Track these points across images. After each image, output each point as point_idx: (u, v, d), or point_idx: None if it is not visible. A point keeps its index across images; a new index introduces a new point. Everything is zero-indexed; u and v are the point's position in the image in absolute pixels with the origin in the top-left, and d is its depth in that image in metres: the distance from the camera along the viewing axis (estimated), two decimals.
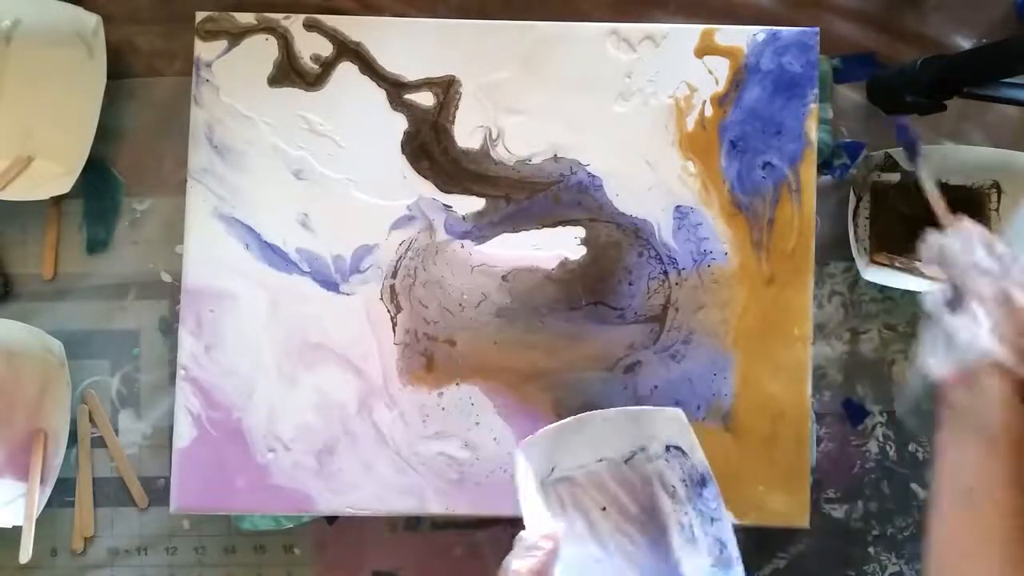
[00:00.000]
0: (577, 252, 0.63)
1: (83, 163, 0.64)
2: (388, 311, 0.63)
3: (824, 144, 0.68)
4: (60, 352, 0.65)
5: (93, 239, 0.69)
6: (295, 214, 0.63)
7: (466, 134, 0.64)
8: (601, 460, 0.57)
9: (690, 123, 0.64)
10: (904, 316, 0.69)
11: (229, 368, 0.62)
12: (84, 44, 0.66)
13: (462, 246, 0.63)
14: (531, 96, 0.64)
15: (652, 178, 0.63)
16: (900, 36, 0.70)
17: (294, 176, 0.64)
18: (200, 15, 0.64)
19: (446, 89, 0.64)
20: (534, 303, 0.63)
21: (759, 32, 0.64)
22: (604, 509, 0.57)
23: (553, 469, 0.56)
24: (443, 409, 0.63)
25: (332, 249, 0.63)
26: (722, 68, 0.64)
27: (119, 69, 0.67)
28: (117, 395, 0.68)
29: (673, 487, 0.57)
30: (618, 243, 0.63)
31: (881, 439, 0.69)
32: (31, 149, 0.67)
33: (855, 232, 0.67)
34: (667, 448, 0.57)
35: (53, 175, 0.66)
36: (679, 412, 0.57)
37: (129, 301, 0.69)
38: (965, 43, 0.70)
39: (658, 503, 0.57)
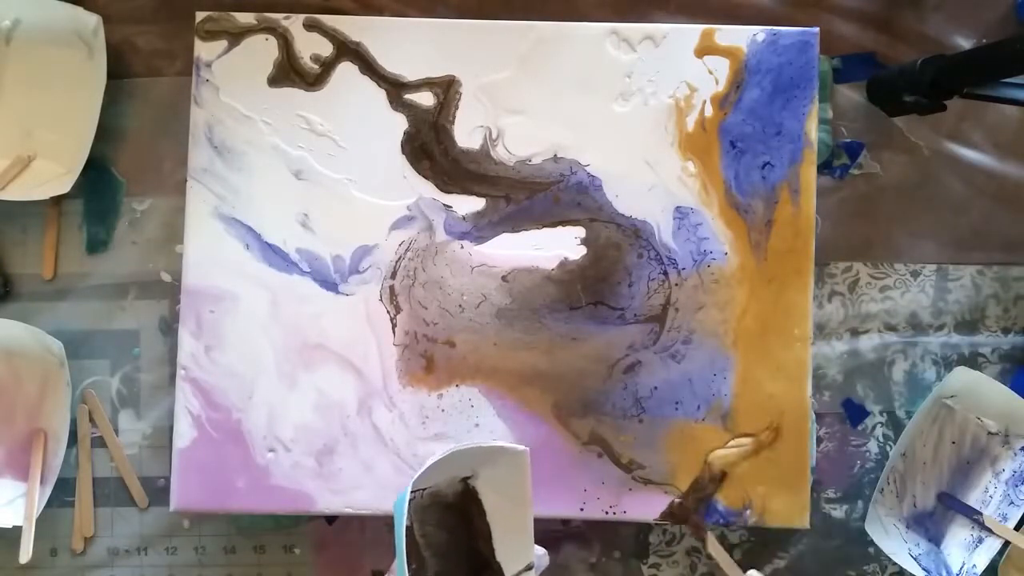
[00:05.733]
0: (577, 252, 0.63)
1: (83, 163, 0.65)
2: (388, 312, 0.63)
3: (824, 144, 0.68)
4: (60, 352, 0.65)
5: (93, 239, 0.69)
6: (295, 214, 0.63)
7: (466, 134, 0.64)
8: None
9: (690, 123, 0.64)
10: (904, 316, 0.69)
11: (229, 368, 0.63)
12: (84, 44, 0.66)
13: (462, 246, 0.63)
14: (531, 96, 0.64)
15: (652, 178, 0.63)
16: (900, 36, 0.70)
17: (294, 176, 0.64)
18: (200, 15, 0.64)
19: (446, 89, 0.64)
20: (534, 304, 0.63)
21: (759, 32, 0.64)
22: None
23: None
24: (443, 411, 0.63)
25: (332, 249, 0.63)
26: (722, 68, 0.64)
27: (119, 69, 0.67)
28: (117, 395, 0.68)
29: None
30: (618, 244, 0.63)
31: (881, 439, 0.69)
32: (31, 149, 0.67)
33: None
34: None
35: (53, 175, 0.66)
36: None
37: (129, 301, 0.69)
38: (965, 43, 0.70)
39: None
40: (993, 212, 0.70)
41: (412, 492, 0.52)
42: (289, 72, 0.64)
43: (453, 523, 0.58)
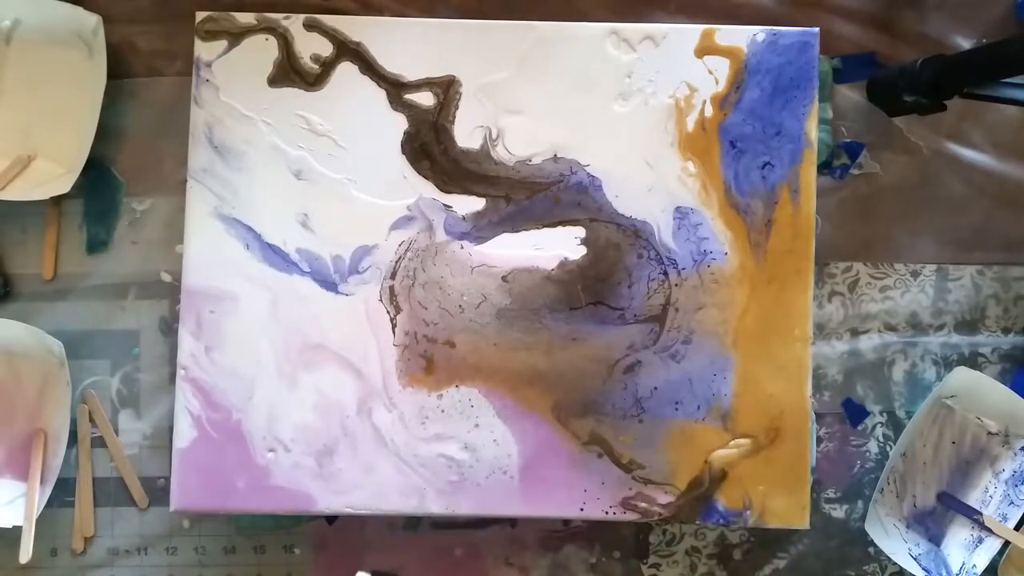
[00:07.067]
0: (577, 252, 0.63)
1: (83, 163, 0.65)
2: (387, 312, 0.63)
3: (824, 144, 0.68)
4: (60, 352, 0.65)
5: (93, 239, 0.69)
6: (295, 214, 0.63)
7: (466, 134, 0.64)
8: None
9: (690, 123, 0.64)
10: (904, 316, 0.69)
11: (229, 369, 0.63)
12: (84, 44, 0.66)
13: (462, 247, 0.63)
14: (531, 96, 0.64)
15: (652, 178, 0.63)
16: (900, 36, 0.70)
17: (294, 176, 0.64)
18: (200, 15, 0.64)
19: (446, 89, 0.64)
20: (534, 304, 0.63)
21: (759, 32, 0.64)
22: None
23: None
24: (442, 411, 0.63)
25: (332, 249, 0.63)
26: (722, 68, 0.64)
27: (119, 69, 0.68)
28: (117, 395, 0.68)
29: None
30: (618, 244, 0.63)
31: (881, 439, 0.69)
32: (31, 149, 0.67)
33: None
34: None
35: (53, 175, 0.66)
36: None
37: (129, 301, 0.69)
38: (965, 43, 0.70)
39: None
40: (993, 212, 0.70)
41: None
42: (289, 72, 0.64)
43: None
